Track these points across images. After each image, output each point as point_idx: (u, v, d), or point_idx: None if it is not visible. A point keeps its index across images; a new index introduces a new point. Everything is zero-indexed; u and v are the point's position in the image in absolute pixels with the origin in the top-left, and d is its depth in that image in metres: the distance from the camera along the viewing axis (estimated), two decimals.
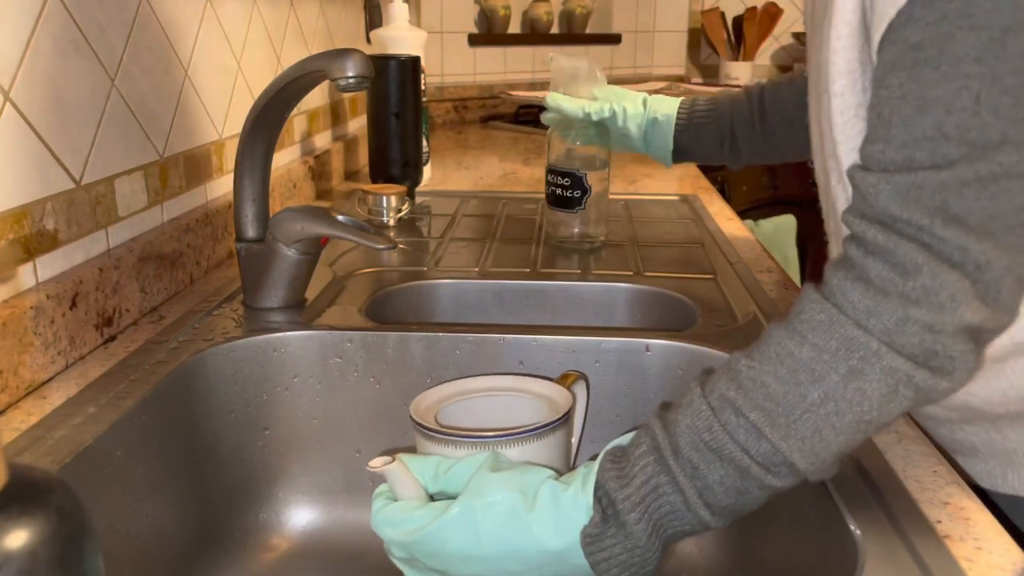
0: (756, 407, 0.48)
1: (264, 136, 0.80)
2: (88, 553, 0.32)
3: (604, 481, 0.49)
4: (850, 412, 0.47)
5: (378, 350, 0.79)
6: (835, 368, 0.47)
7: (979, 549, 0.49)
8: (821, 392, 0.47)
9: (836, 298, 0.49)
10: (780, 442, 0.47)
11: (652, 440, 0.50)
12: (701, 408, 0.49)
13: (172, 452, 0.69)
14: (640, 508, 0.48)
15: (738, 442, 0.48)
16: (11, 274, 0.65)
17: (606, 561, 0.48)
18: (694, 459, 0.48)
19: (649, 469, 0.48)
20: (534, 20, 2.51)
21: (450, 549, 0.50)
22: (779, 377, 0.48)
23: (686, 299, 0.91)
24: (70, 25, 0.72)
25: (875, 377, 0.47)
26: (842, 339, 0.48)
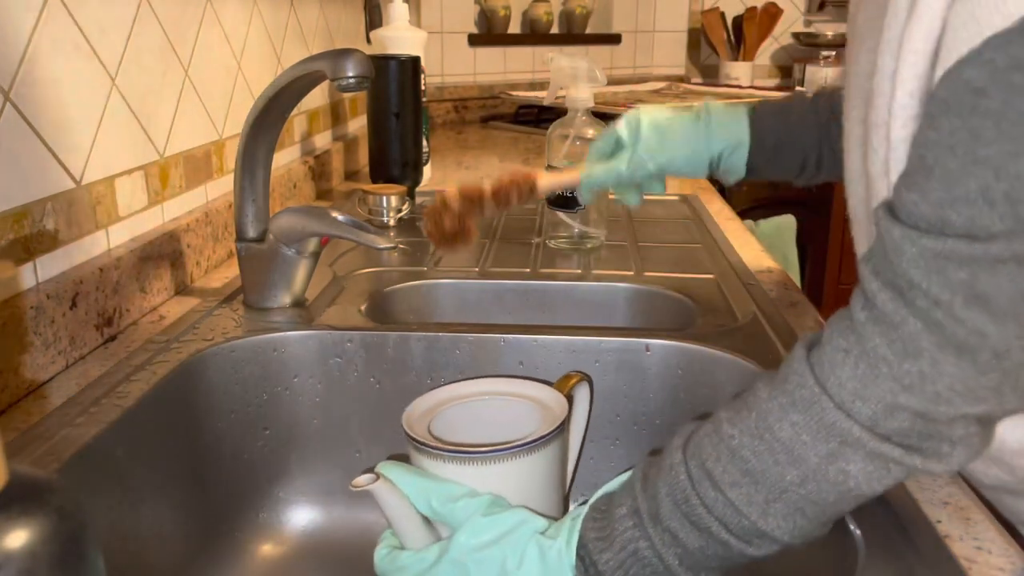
0: (734, 484, 0.46)
1: (264, 136, 0.80)
2: (88, 553, 0.32)
3: (586, 541, 0.49)
4: (833, 491, 0.46)
5: (378, 350, 0.79)
6: (814, 450, 0.45)
7: (979, 549, 0.49)
8: (800, 473, 0.45)
9: (823, 373, 0.45)
10: (759, 520, 0.46)
11: (632, 502, 0.49)
12: (680, 476, 0.48)
13: (172, 452, 0.69)
14: (620, 572, 0.48)
15: (716, 516, 0.47)
16: (11, 274, 0.65)
17: None
18: (673, 527, 0.47)
19: (628, 534, 0.48)
20: (534, 20, 2.51)
21: None
22: (757, 453, 0.46)
23: (686, 299, 0.91)
24: (70, 25, 0.72)
25: (858, 459, 0.45)
26: (822, 423, 0.45)
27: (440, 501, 0.53)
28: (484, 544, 0.51)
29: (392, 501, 0.54)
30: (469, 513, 0.52)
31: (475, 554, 0.51)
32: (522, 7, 2.52)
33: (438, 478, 0.55)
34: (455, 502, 0.53)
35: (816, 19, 2.97)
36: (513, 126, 2.27)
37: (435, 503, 0.54)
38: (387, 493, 0.54)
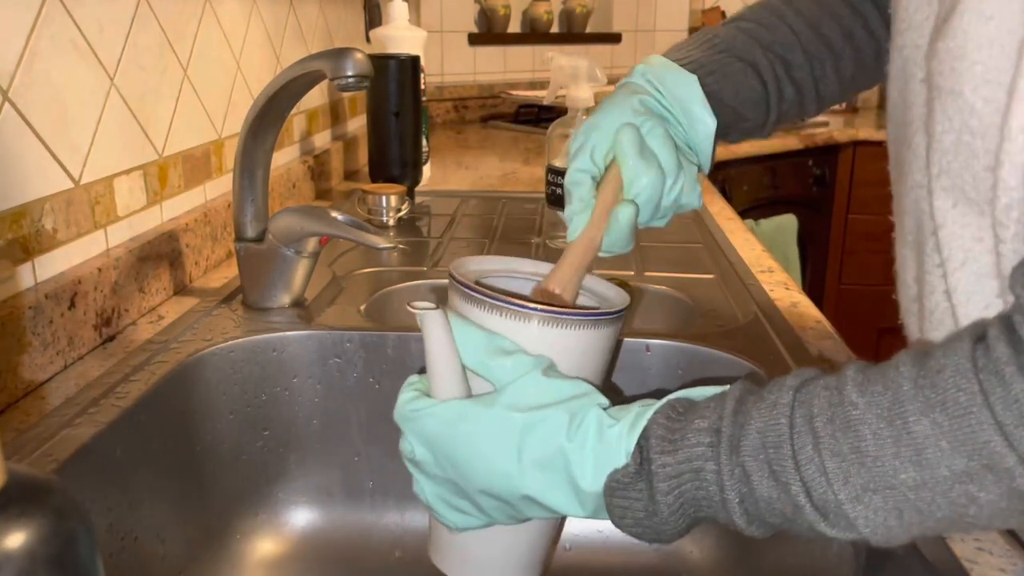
0: (837, 454, 0.40)
1: (264, 136, 0.80)
2: (87, 554, 0.32)
3: (651, 435, 0.45)
4: (948, 511, 0.39)
5: (378, 350, 0.79)
6: (948, 462, 0.38)
7: (980, 550, 0.49)
8: (919, 478, 0.39)
9: (989, 380, 0.38)
10: (847, 502, 0.40)
11: (716, 420, 0.44)
12: (781, 418, 0.42)
13: (171, 452, 0.68)
14: (674, 482, 0.44)
15: (802, 476, 0.41)
16: (10, 274, 0.65)
17: (622, 509, 0.45)
18: (749, 465, 0.42)
19: (698, 450, 0.43)
20: (534, 19, 2.51)
21: (479, 452, 0.47)
22: (879, 436, 0.40)
23: (686, 299, 0.91)
24: (69, 24, 0.72)
25: (995, 491, 0.38)
26: (971, 437, 0.38)
27: (491, 353, 0.48)
28: (540, 405, 0.46)
29: (442, 339, 0.48)
30: (524, 371, 0.47)
31: (527, 413, 0.46)
32: (522, 6, 2.52)
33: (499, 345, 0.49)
34: (508, 356, 0.48)
35: None
36: (513, 126, 2.27)
37: (485, 354, 0.48)
38: (440, 328, 0.48)
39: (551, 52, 1.09)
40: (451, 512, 0.51)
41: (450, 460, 0.48)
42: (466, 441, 0.47)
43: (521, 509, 0.48)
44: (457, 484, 0.49)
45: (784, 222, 2.13)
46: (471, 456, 0.47)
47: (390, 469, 0.81)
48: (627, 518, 0.45)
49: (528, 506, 0.48)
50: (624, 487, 0.45)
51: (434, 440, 0.48)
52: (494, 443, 0.47)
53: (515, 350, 0.49)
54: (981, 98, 0.46)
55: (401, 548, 0.79)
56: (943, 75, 0.48)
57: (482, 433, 0.47)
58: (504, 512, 0.49)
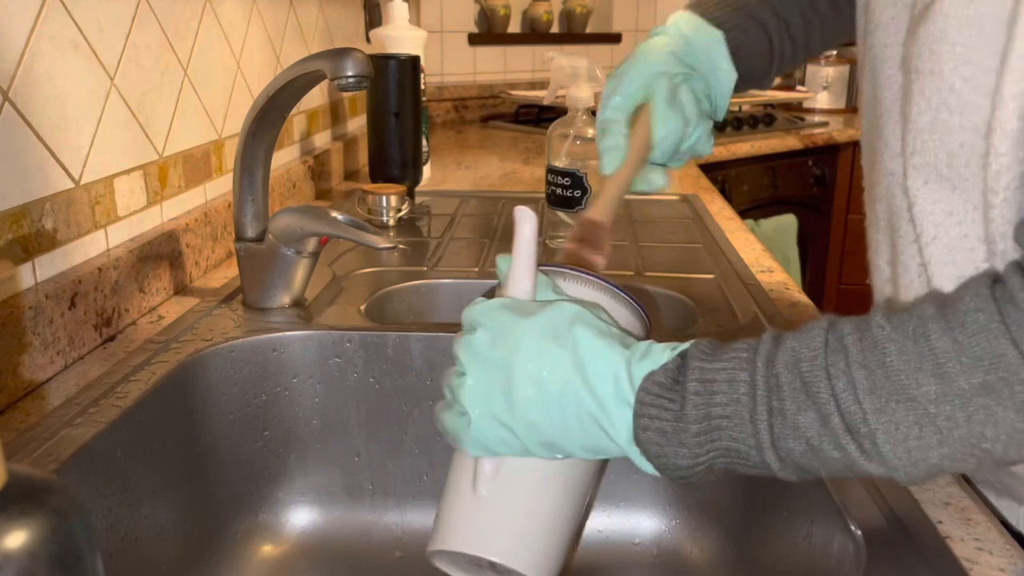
0: (864, 366, 0.42)
1: (264, 136, 0.80)
2: (87, 554, 0.32)
3: (692, 350, 0.46)
4: (966, 427, 0.41)
5: (378, 350, 0.79)
6: (967, 375, 0.41)
7: (980, 550, 0.49)
8: (939, 390, 0.41)
9: (1005, 304, 0.41)
10: (871, 414, 0.42)
11: (755, 344, 0.46)
12: (816, 339, 0.44)
13: (171, 453, 0.68)
14: (706, 386, 0.45)
15: (832, 388, 0.43)
16: (10, 274, 0.65)
17: (650, 419, 0.45)
18: (783, 377, 0.44)
19: (735, 362, 0.45)
20: (534, 19, 2.51)
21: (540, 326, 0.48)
22: (903, 352, 0.42)
23: (686, 299, 0.91)
24: (69, 24, 0.72)
25: (1011, 406, 0.41)
26: (990, 350, 0.41)
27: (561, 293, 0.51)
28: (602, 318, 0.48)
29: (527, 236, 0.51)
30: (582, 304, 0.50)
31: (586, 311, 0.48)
32: (522, 6, 2.52)
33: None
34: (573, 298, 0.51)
35: None
36: (513, 126, 2.27)
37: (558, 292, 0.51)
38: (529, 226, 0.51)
39: (551, 52, 1.09)
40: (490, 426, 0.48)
41: (503, 344, 0.48)
42: (524, 326, 0.48)
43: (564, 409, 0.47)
44: (506, 377, 0.48)
45: (784, 222, 2.13)
46: (523, 340, 0.48)
47: (390, 469, 0.81)
48: (652, 429, 0.45)
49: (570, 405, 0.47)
50: (659, 389, 0.45)
51: (495, 321, 0.49)
52: (550, 331, 0.47)
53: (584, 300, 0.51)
54: (960, 77, 0.49)
55: (401, 548, 0.79)
56: (922, 57, 0.51)
57: (539, 320, 0.48)
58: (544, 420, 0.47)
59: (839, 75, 2.70)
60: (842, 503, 0.53)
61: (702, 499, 0.77)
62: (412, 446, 0.80)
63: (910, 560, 0.48)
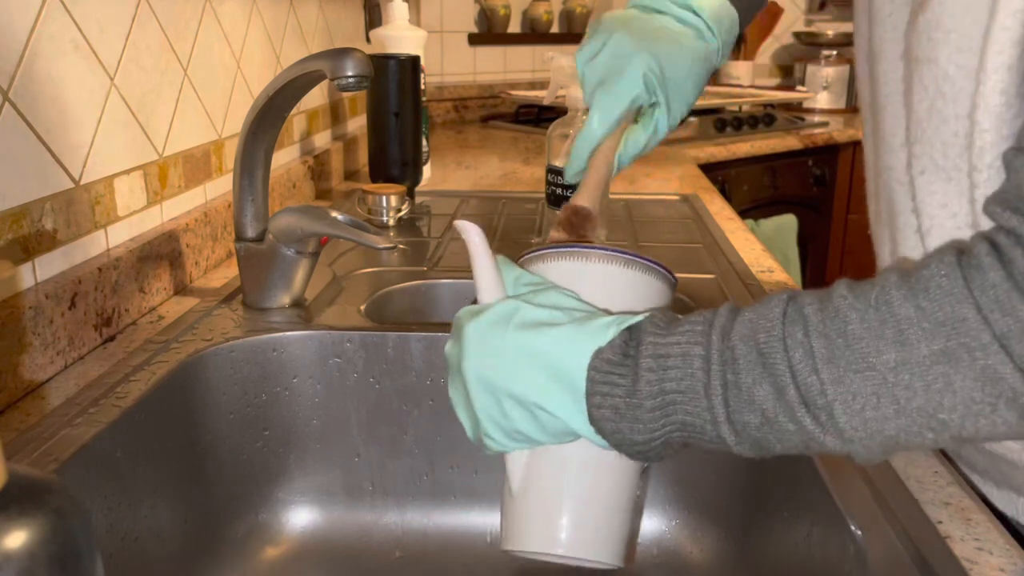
0: (824, 336, 0.42)
1: (264, 136, 0.80)
2: (87, 554, 0.32)
3: (644, 324, 0.46)
4: (924, 396, 0.40)
5: (378, 350, 0.79)
6: (928, 341, 0.40)
7: (980, 550, 0.49)
8: (899, 357, 0.40)
9: (969, 271, 0.41)
10: (829, 385, 0.41)
11: (711, 316, 0.45)
12: (774, 310, 0.44)
13: (171, 453, 0.68)
14: (660, 361, 0.44)
15: (789, 359, 0.42)
16: (10, 274, 0.65)
17: (602, 396, 0.45)
18: (738, 350, 0.43)
19: (689, 336, 0.44)
20: (534, 19, 2.51)
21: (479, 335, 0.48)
22: (865, 320, 0.41)
23: (686, 299, 0.91)
24: (69, 24, 0.72)
25: (970, 374, 0.40)
26: (952, 315, 0.40)
27: (524, 282, 0.51)
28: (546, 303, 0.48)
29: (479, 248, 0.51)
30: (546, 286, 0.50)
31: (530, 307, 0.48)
32: (522, 6, 2.52)
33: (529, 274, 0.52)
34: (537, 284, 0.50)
35: (817, 18, 2.97)
36: (513, 126, 2.27)
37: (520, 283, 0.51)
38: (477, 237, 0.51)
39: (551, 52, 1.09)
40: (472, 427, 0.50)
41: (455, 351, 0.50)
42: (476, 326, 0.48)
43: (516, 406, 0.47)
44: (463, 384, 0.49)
45: (784, 222, 2.13)
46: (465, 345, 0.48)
47: (390, 469, 0.81)
48: (605, 407, 0.44)
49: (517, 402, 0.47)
50: (609, 367, 0.45)
51: (456, 329, 0.50)
52: (485, 332, 0.48)
53: (545, 283, 0.50)
54: (954, 64, 0.49)
55: (401, 548, 0.79)
56: (920, 46, 0.52)
57: (486, 319, 0.48)
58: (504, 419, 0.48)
59: (839, 75, 2.70)
60: (842, 503, 0.53)
61: (702, 499, 0.77)
62: (412, 446, 0.80)
63: (910, 560, 0.48)
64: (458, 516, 0.81)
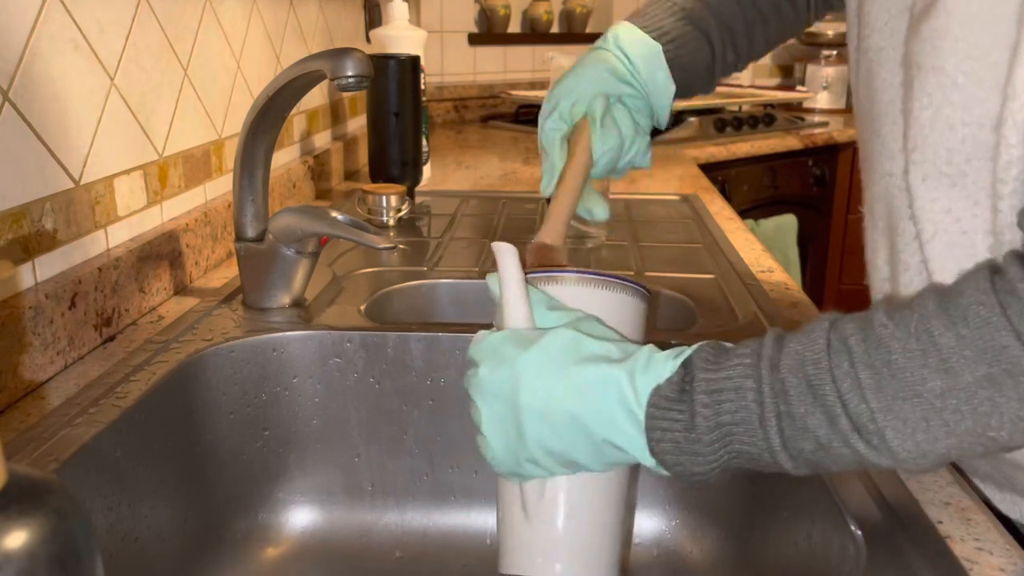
0: (870, 366, 0.43)
1: (264, 136, 0.80)
2: (87, 554, 0.32)
3: (694, 358, 0.47)
4: (972, 419, 0.42)
5: (378, 350, 0.79)
6: (971, 369, 0.42)
7: (980, 550, 0.49)
8: (945, 385, 0.42)
9: (1006, 297, 0.42)
10: (879, 413, 0.43)
11: (757, 347, 0.47)
12: (819, 341, 0.45)
13: (171, 453, 0.68)
14: (714, 396, 0.45)
15: (839, 389, 0.44)
16: (10, 274, 0.65)
17: (662, 432, 0.46)
18: (788, 382, 0.45)
19: (740, 369, 0.46)
20: (534, 19, 2.51)
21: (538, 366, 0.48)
22: (907, 350, 0.43)
23: (686, 299, 0.91)
24: (69, 24, 0.72)
25: (1015, 396, 0.42)
26: (992, 343, 0.42)
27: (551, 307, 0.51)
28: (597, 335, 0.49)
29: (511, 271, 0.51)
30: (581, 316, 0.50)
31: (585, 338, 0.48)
32: (522, 6, 2.52)
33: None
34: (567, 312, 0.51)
35: None
36: (513, 126, 2.27)
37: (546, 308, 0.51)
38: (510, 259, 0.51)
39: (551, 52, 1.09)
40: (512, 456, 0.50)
41: (505, 379, 0.49)
42: (536, 357, 0.48)
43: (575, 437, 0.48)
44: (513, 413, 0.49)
45: (784, 222, 2.13)
46: (522, 375, 0.48)
47: (390, 469, 0.81)
48: (665, 441, 0.46)
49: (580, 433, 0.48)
50: (667, 403, 0.46)
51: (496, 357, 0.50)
52: (547, 364, 0.48)
53: (579, 313, 0.51)
54: (962, 72, 0.50)
55: (401, 548, 0.79)
56: (924, 54, 0.52)
57: (547, 354, 0.48)
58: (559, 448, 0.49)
59: (839, 75, 2.70)
60: (842, 503, 0.53)
61: (702, 499, 0.77)
62: (412, 446, 0.80)
63: (910, 560, 0.48)
64: (458, 516, 0.81)
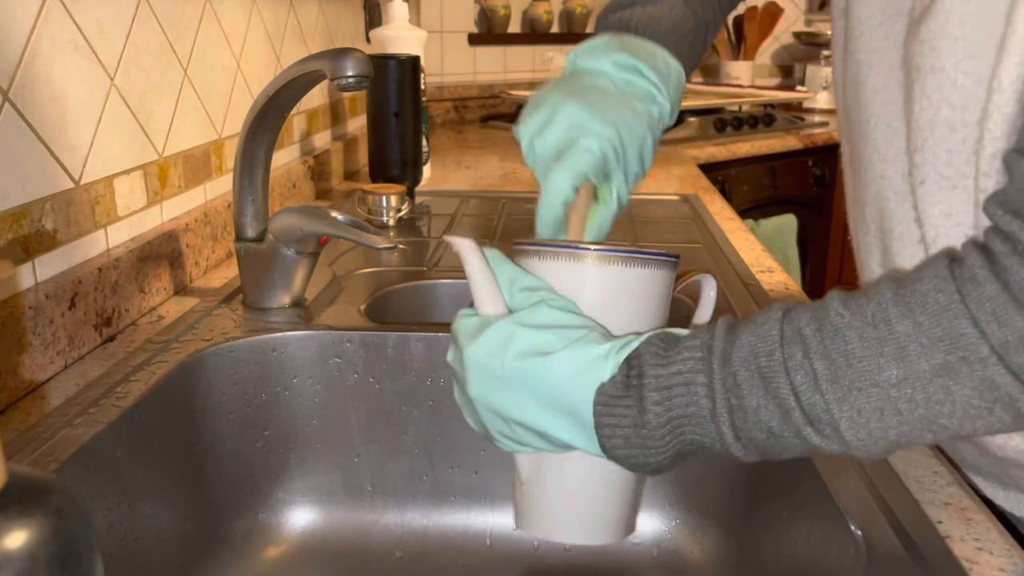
0: (825, 356, 0.43)
1: (264, 136, 0.80)
2: (87, 554, 0.32)
3: (642, 352, 0.46)
4: (925, 407, 0.42)
5: (378, 350, 0.79)
6: (928, 356, 0.42)
7: (980, 550, 0.49)
8: (901, 374, 0.42)
9: (964, 284, 0.42)
10: (834, 404, 0.43)
11: (708, 339, 0.46)
12: (771, 332, 0.45)
13: (171, 453, 0.68)
14: (664, 393, 0.45)
15: (792, 381, 0.43)
16: (10, 274, 0.65)
17: (611, 427, 0.46)
18: (740, 375, 0.44)
19: (691, 364, 0.45)
20: (534, 19, 2.51)
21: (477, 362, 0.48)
22: (864, 338, 0.43)
23: (686, 299, 0.91)
24: (69, 24, 0.72)
25: (969, 384, 0.41)
26: (950, 330, 0.41)
27: (518, 286, 0.50)
28: (540, 324, 0.48)
29: (474, 263, 0.51)
30: (540, 300, 0.49)
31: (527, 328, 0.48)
32: (522, 6, 2.52)
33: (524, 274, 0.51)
34: (534, 291, 0.50)
35: (817, 18, 2.97)
36: (513, 126, 2.27)
37: (512, 287, 0.51)
38: (472, 253, 0.51)
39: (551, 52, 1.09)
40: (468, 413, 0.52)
41: (459, 370, 0.50)
42: (474, 352, 0.49)
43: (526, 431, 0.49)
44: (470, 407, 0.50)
45: (784, 222, 2.13)
46: (468, 369, 0.49)
47: (390, 469, 0.81)
48: (616, 437, 0.46)
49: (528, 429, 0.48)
50: (613, 401, 0.46)
51: (461, 348, 0.50)
52: (492, 359, 0.48)
53: (541, 286, 0.50)
54: (963, 72, 0.49)
55: (401, 548, 0.79)
56: (923, 55, 0.51)
57: (483, 345, 0.48)
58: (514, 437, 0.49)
59: None
60: (842, 503, 0.53)
61: (702, 499, 0.77)
62: (412, 446, 0.80)
63: (910, 560, 0.48)
64: (458, 516, 0.81)
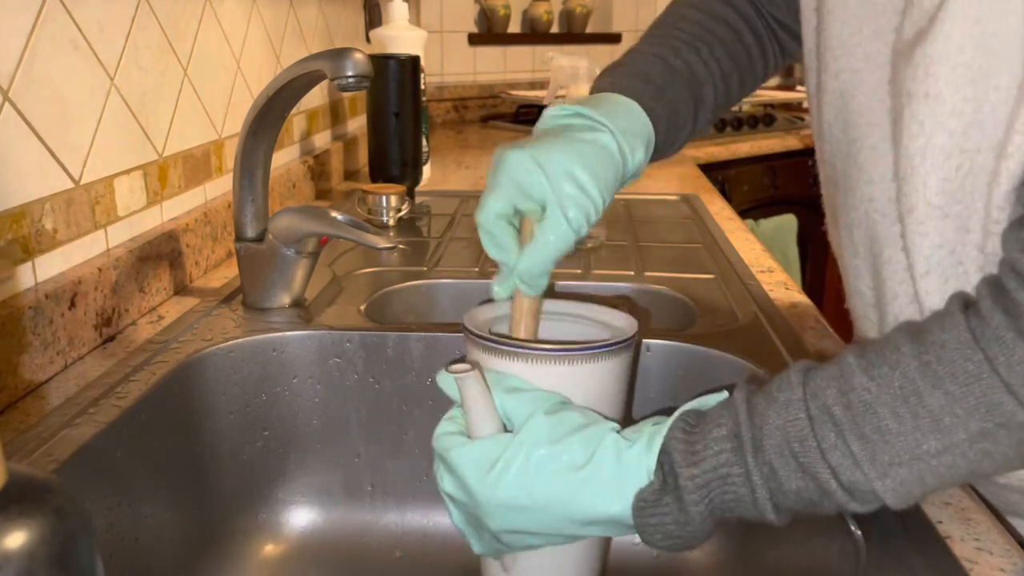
0: (861, 437, 0.43)
1: (264, 136, 0.80)
2: (87, 554, 0.32)
3: (671, 450, 0.46)
4: (966, 468, 0.43)
5: (378, 350, 0.79)
6: (965, 426, 0.42)
7: (980, 550, 0.48)
8: (940, 444, 0.42)
9: (991, 347, 0.42)
10: (876, 480, 0.43)
11: (734, 426, 0.46)
12: (798, 413, 0.45)
13: (171, 453, 0.68)
14: (703, 491, 0.45)
15: (829, 463, 0.44)
16: (10, 274, 0.65)
17: (653, 527, 0.46)
18: (775, 464, 0.45)
19: (723, 457, 0.45)
20: (534, 19, 2.51)
21: (498, 501, 0.48)
22: (897, 414, 0.43)
23: (686, 299, 0.91)
24: (69, 24, 0.72)
25: (1008, 444, 0.42)
26: (984, 400, 0.42)
27: (502, 392, 0.50)
28: (553, 439, 0.48)
29: (477, 397, 0.50)
30: (536, 407, 0.49)
31: (541, 448, 0.48)
32: (522, 6, 2.52)
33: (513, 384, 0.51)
34: (521, 393, 0.50)
35: None
36: (513, 126, 2.27)
37: (500, 392, 0.50)
38: (478, 386, 0.50)
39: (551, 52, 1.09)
40: (479, 541, 0.53)
41: (472, 497, 0.50)
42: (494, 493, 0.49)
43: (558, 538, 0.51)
44: (484, 530, 0.51)
45: (784, 222, 2.13)
46: (494, 505, 0.49)
47: (390, 469, 0.81)
48: (658, 534, 0.47)
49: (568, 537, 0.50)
50: (652, 504, 0.46)
51: (460, 476, 0.50)
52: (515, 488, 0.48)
53: (527, 388, 0.51)
54: (962, 98, 0.48)
55: (401, 548, 0.79)
56: (916, 80, 0.50)
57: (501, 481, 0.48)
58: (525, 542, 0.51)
59: None
60: None
61: None
62: (412, 446, 0.80)
63: (910, 561, 0.48)
64: None
